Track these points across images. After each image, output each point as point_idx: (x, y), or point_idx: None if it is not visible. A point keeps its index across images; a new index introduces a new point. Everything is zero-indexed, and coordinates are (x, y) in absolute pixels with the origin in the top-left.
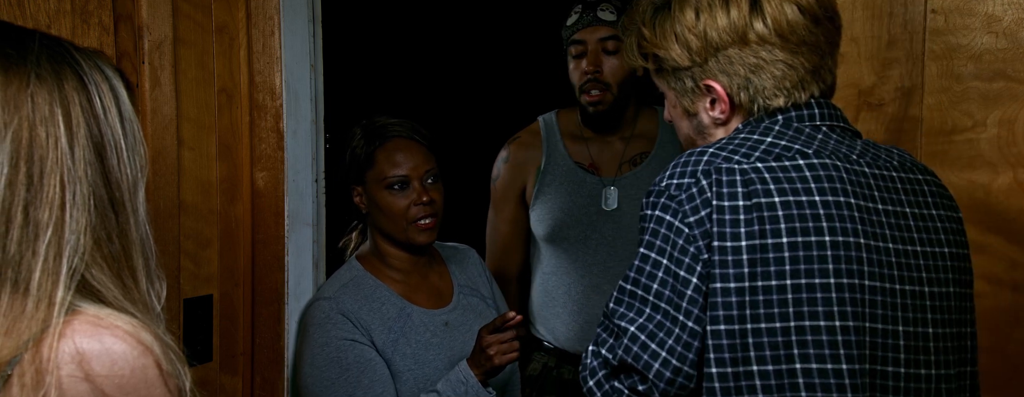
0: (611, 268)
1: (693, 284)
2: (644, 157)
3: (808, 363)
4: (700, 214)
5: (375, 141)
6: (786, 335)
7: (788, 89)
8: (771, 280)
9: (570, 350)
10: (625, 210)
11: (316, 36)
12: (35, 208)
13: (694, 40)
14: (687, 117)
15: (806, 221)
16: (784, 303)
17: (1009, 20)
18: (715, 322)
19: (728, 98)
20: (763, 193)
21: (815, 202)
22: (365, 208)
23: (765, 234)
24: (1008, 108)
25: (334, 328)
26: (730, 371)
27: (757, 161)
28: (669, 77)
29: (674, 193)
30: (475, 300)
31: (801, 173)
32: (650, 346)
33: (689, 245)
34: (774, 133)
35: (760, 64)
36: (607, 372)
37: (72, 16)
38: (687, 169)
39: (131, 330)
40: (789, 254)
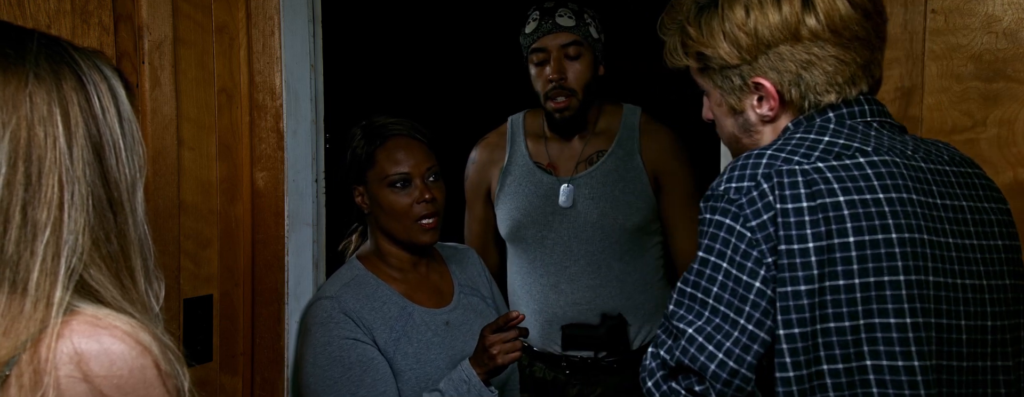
0: (567, 268)
1: (755, 288)
2: (600, 155)
3: (879, 360)
4: (762, 218)
5: (376, 140)
6: (856, 333)
7: (840, 85)
8: (839, 280)
9: (537, 349)
10: (580, 209)
11: (316, 36)
12: (33, 208)
13: (744, 37)
14: (732, 115)
15: (872, 219)
16: (853, 302)
17: (1009, 20)
18: (788, 325)
19: (778, 95)
20: (827, 193)
21: (879, 200)
22: (367, 208)
23: (832, 234)
24: (1008, 108)
25: (336, 327)
26: (805, 373)
27: (818, 161)
28: (715, 75)
29: (734, 197)
30: (475, 300)
31: (863, 171)
32: (707, 348)
33: (752, 249)
34: (830, 131)
35: (812, 60)
36: (665, 373)
37: (72, 16)
38: (746, 172)
39: (129, 330)
40: (857, 253)
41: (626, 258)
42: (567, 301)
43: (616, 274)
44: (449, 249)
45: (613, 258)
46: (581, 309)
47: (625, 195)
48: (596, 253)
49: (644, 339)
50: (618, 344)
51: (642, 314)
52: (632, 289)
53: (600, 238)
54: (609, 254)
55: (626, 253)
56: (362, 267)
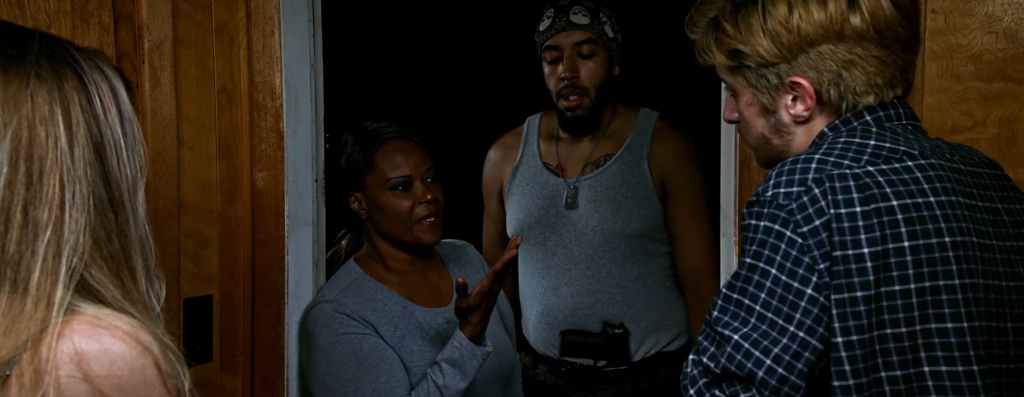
0: (568, 271)
1: (808, 295)
2: (608, 159)
3: (937, 366)
4: (814, 224)
5: (372, 144)
6: (913, 339)
7: (879, 86)
8: (895, 285)
9: (539, 351)
10: (583, 212)
11: (316, 36)
12: (34, 208)
13: (785, 35)
14: (764, 115)
15: (926, 223)
16: (910, 308)
17: (1009, 20)
18: (846, 333)
19: (816, 95)
20: (880, 197)
21: (931, 203)
22: (365, 213)
23: (887, 239)
24: (1008, 108)
25: (341, 326)
26: (863, 381)
27: (868, 165)
28: (749, 74)
29: (783, 202)
30: None
31: (913, 175)
32: (754, 354)
33: (803, 256)
34: (874, 135)
35: (854, 60)
36: (709, 380)
37: (72, 16)
38: (795, 177)
39: (130, 330)
40: (912, 258)
41: (627, 265)
42: (567, 305)
43: (617, 280)
44: (447, 247)
45: (614, 263)
46: (580, 314)
47: (627, 201)
48: (596, 257)
49: (648, 351)
50: (617, 354)
51: (645, 324)
52: (634, 297)
53: (600, 242)
54: (609, 259)
55: (627, 259)
56: (360, 270)
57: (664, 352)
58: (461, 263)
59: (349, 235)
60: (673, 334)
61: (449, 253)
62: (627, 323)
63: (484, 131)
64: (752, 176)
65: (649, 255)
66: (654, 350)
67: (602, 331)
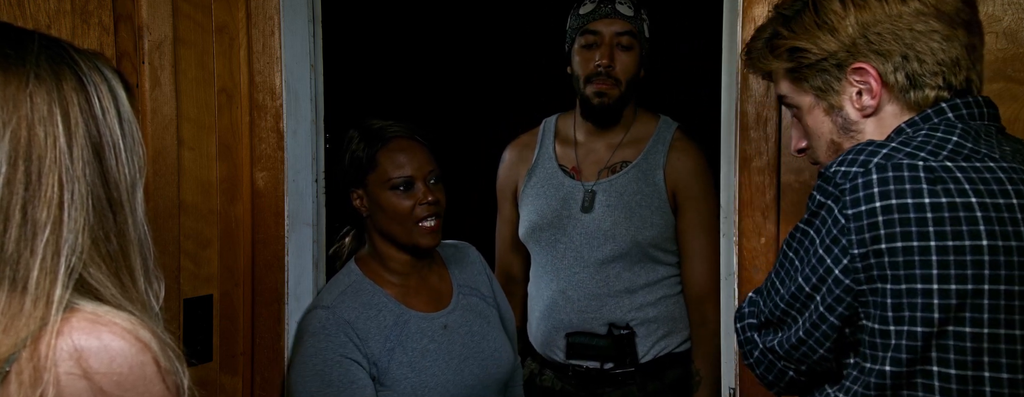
0: (577, 274)
1: (834, 275)
2: (625, 165)
3: (998, 372)
4: (861, 208)
5: (376, 142)
6: (977, 341)
7: (947, 66)
8: (967, 284)
9: (544, 355)
10: (595, 217)
11: (316, 36)
12: (33, 207)
13: (841, 22)
14: (830, 115)
15: (1005, 224)
16: (979, 308)
17: (1009, 20)
18: (899, 322)
19: (880, 80)
20: (957, 192)
21: (1013, 205)
22: (366, 211)
23: (961, 235)
24: (1008, 108)
25: (326, 340)
26: (905, 370)
27: (945, 160)
28: (810, 73)
29: (839, 181)
30: (475, 299)
31: (995, 175)
32: (791, 312)
33: (842, 237)
34: (958, 132)
35: (916, 37)
36: (756, 322)
37: (72, 16)
38: (859, 158)
39: (129, 327)
40: (989, 257)
41: (637, 270)
42: (573, 308)
43: (625, 285)
44: (449, 248)
45: (623, 269)
46: (586, 318)
47: (640, 209)
48: (606, 262)
49: (657, 353)
50: (623, 356)
51: (654, 327)
52: (642, 303)
53: (611, 248)
54: (619, 265)
55: (637, 266)
56: (359, 272)
57: (673, 353)
58: (462, 265)
59: (352, 232)
60: (683, 337)
61: (450, 255)
62: (634, 325)
63: (485, 132)
64: (752, 176)
65: (659, 262)
66: (664, 351)
67: (608, 332)
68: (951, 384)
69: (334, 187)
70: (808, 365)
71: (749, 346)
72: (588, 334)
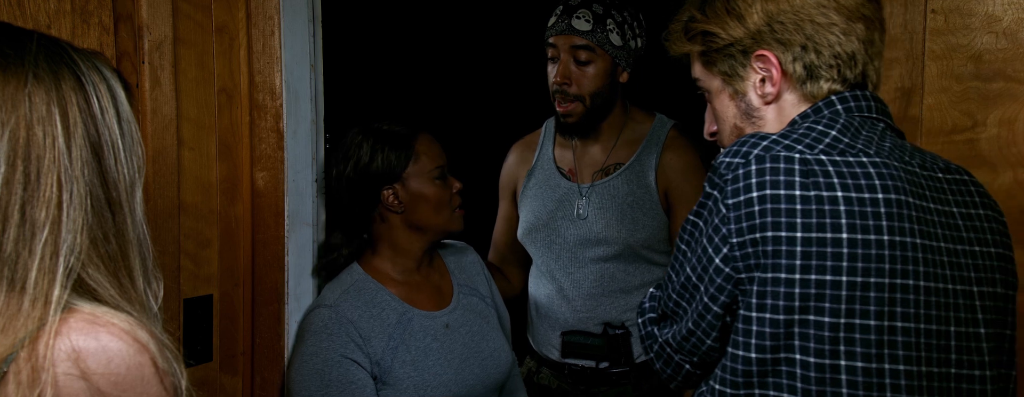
0: (572, 274)
1: (715, 263)
2: (618, 167)
3: (853, 361)
4: (739, 198)
5: (409, 138)
6: (834, 331)
7: (842, 58)
8: (826, 275)
9: (541, 353)
10: (590, 219)
11: (316, 36)
12: (32, 207)
13: (748, 9)
14: (735, 100)
15: (867, 218)
16: (837, 299)
17: (1009, 20)
18: (762, 309)
19: (780, 68)
20: (825, 186)
21: (878, 200)
22: (401, 207)
23: (825, 228)
24: (1008, 108)
25: (329, 339)
26: (769, 357)
27: (821, 153)
28: (718, 58)
29: (723, 172)
30: (475, 299)
31: (865, 170)
32: (681, 303)
33: (722, 226)
34: (839, 127)
35: (817, 29)
36: (655, 316)
37: (72, 16)
38: (742, 149)
39: (127, 328)
40: (848, 250)
41: (631, 271)
42: (569, 308)
43: (620, 286)
44: (449, 248)
45: (618, 270)
46: (582, 317)
47: (633, 210)
48: (601, 263)
49: None
50: (618, 356)
51: None
52: (637, 302)
53: (604, 250)
54: (614, 266)
55: (631, 266)
56: (362, 271)
57: None
58: (462, 265)
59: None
60: None
61: (450, 255)
62: (629, 325)
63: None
64: None
65: (654, 263)
66: None
67: (603, 332)
68: (810, 371)
69: (357, 190)
70: (698, 356)
71: (649, 340)
72: (583, 333)
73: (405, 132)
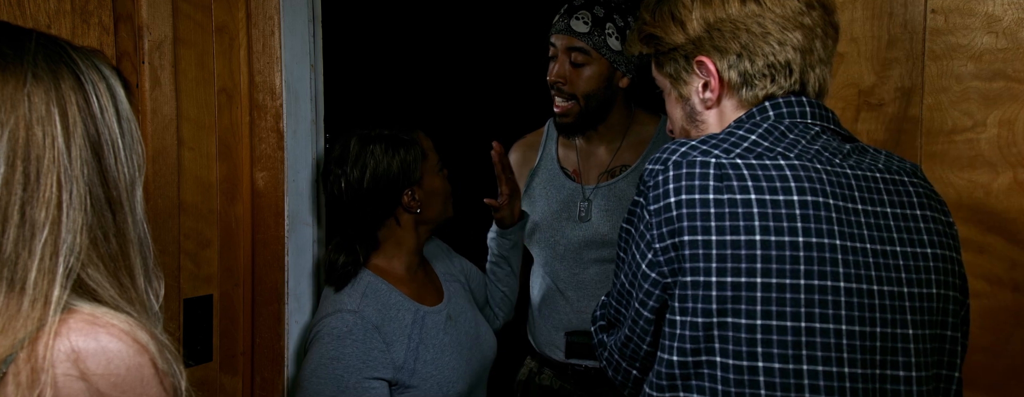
0: (576, 275)
1: (642, 269)
2: (623, 169)
3: (771, 362)
4: (659, 204)
5: (413, 137)
6: (751, 332)
7: (776, 68)
8: (741, 277)
9: (544, 354)
10: (595, 221)
11: (316, 36)
12: (31, 207)
13: (688, 15)
14: (680, 103)
15: (781, 220)
16: (753, 301)
17: (1009, 20)
18: (684, 313)
19: (718, 75)
20: (739, 189)
21: (792, 202)
22: (418, 205)
23: (738, 230)
24: (1008, 108)
25: (353, 346)
26: (690, 360)
27: (737, 157)
28: (665, 60)
29: (646, 178)
30: (457, 285)
31: (781, 172)
32: (622, 309)
33: (647, 232)
34: (760, 131)
35: (752, 38)
36: (604, 323)
37: (72, 16)
38: (663, 156)
39: (127, 328)
40: (761, 252)
41: None
42: (573, 309)
43: None
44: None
45: None
46: (585, 318)
47: None
48: (605, 264)
49: None
50: None
51: None
52: None
53: (609, 252)
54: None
55: None
56: (372, 274)
57: None
58: (435, 255)
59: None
60: None
61: (429, 251)
62: None
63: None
64: None
65: None
66: None
67: None
68: (729, 373)
69: (376, 196)
70: (640, 362)
71: (600, 348)
72: (587, 334)
73: (408, 132)
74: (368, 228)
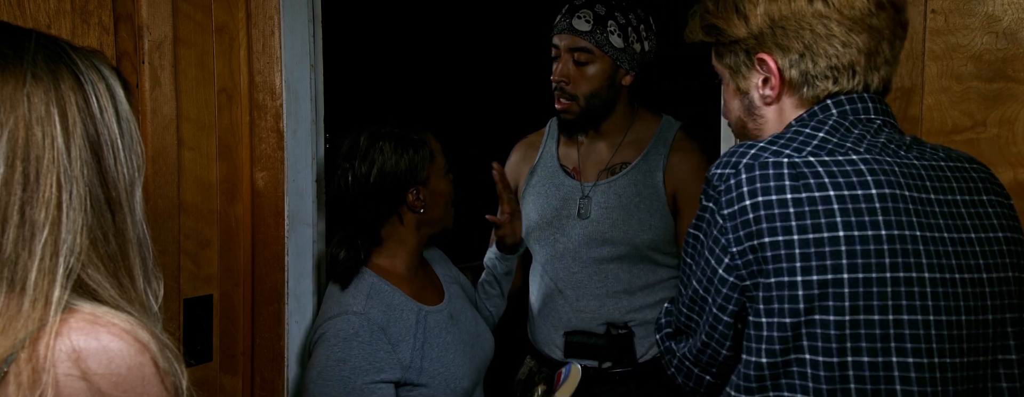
0: (576, 274)
1: (718, 274)
2: (624, 166)
3: (860, 357)
4: (734, 207)
5: (423, 138)
6: (841, 328)
7: (839, 69)
8: (827, 274)
9: (543, 352)
10: (594, 218)
11: (316, 36)
12: (31, 208)
13: (753, 10)
14: (739, 96)
15: (862, 215)
16: (841, 297)
17: (1009, 20)
18: (770, 314)
19: (779, 73)
20: (816, 187)
21: (871, 195)
22: (422, 205)
23: (820, 228)
24: (1008, 108)
25: (360, 347)
26: (780, 360)
27: (809, 155)
28: (725, 52)
29: (716, 183)
30: (457, 288)
31: (855, 167)
32: (693, 316)
33: (721, 236)
34: (826, 128)
35: (815, 39)
36: (670, 331)
37: (72, 16)
38: (731, 159)
39: (128, 328)
40: (846, 248)
41: (636, 272)
42: (572, 308)
43: (624, 287)
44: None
45: (622, 270)
46: (584, 317)
47: (639, 211)
48: (604, 263)
49: (655, 354)
50: (622, 356)
51: (652, 329)
52: (641, 304)
53: (609, 250)
54: (618, 266)
55: (636, 267)
56: (374, 274)
57: None
58: (438, 261)
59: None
60: None
61: (429, 255)
62: (632, 326)
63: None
64: None
65: (658, 264)
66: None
67: (606, 332)
68: (820, 370)
69: (381, 193)
70: (717, 367)
71: (668, 355)
72: (586, 333)
73: (419, 133)
74: (371, 224)
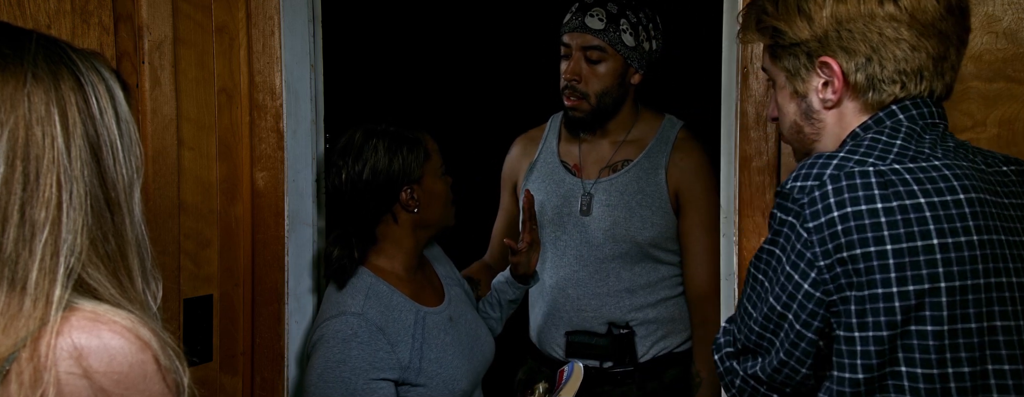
0: (577, 272)
1: (804, 290)
2: (626, 164)
3: (960, 367)
4: (820, 220)
5: (419, 137)
6: (939, 339)
7: (907, 74)
8: (924, 283)
9: (544, 352)
10: (596, 215)
11: (316, 36)
12: (31, 207)
13: (818, 11)
14: (796, 99)
15: (953, 221)
16: (938, 306)
17: (1009, 20)
18: (864, 328)
19: (843, 77)
20: (906, 194)
21: (960, 201)
22: (415, 205)
23: (913, 236)
24: (1008, 108)
25: (359, 348)
26: (876, 375)
27: (893, 163)
28: (784, 54)
29: (797, 196)
30: (458, 290)
31: (941, 172)
32: (765, 335)
33: (806, 251)
34: (903, 134)
35: (884, 42)
36: (732, 350)
37: (72, 16)
38: (813, 171)
39: (129, 325)
40: (941, 256)
41: (637, 270)
42: (573, 306)
43: (625, 285)
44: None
45: (623, 268)
46: (586, 316)
47: (641, 209)
48: (606, 261)
49: (656, 353)
50: (623, 356)
51: (653, 328)
52: (643, 303)
53: (611, 247)
54: (619, 264)
55: (637, 265)
56: (371, 274)
57: (673, 353)
58: (440, 261)
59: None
60: (683, 337)
61: (432, 254)
62: (634, 325)
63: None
64: (752, 176)
65: (660, 262)
66: (664, 351)
67: (607, 331)
68: (919, 383)
69: (375, 192)
70: (792, 387)
71: (730, 376)
72: (587, 333)
73: (415, 132)
74: (365, 223)
